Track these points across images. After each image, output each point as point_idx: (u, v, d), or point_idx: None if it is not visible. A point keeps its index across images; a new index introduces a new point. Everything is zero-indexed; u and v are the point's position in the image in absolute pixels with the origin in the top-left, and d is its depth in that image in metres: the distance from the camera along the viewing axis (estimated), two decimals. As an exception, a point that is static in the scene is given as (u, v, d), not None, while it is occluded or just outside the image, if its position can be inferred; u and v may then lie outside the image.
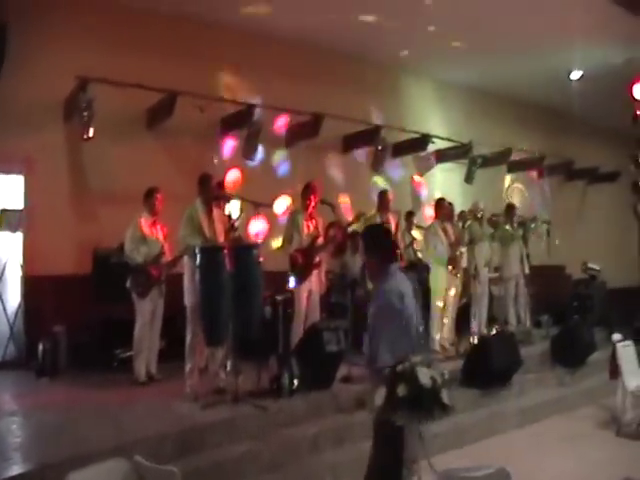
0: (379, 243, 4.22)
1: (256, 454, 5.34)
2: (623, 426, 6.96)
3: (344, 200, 10.36)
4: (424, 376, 4.60)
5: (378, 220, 8.18)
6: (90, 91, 7.61)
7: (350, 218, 7.90)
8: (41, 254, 7.82)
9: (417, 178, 12.11)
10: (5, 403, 5.93)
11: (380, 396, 4.71)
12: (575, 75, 11.97)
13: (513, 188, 10.98)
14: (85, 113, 7.62)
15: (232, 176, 9.35)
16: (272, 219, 8.89)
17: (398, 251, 5.83)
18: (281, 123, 10.14)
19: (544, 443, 6.71)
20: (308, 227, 7.48)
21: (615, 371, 7.17)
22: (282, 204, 9.07)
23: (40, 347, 7.31)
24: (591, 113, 13.97)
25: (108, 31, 8.41)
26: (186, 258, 6.42)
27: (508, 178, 13.23)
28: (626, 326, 9.61)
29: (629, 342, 7.35)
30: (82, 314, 7.56)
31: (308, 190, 7.52)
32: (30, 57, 7.71)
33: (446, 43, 10.43)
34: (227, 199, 6.88)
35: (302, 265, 7.32)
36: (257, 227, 6.99)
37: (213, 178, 6.77)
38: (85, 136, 7.69)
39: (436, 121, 12.21)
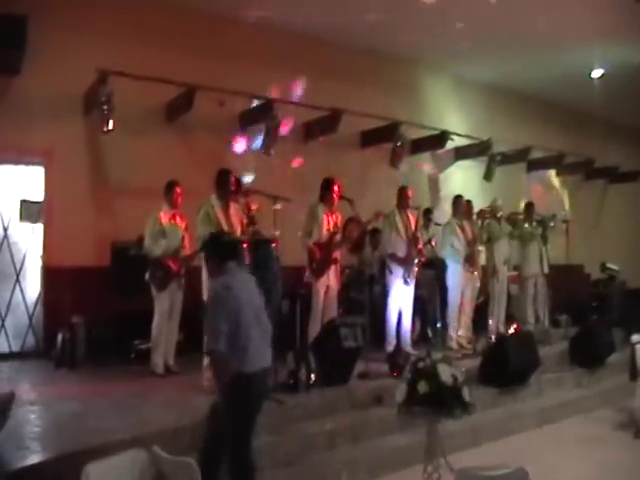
0: (216, 247, 4.65)
1: (272, 448, 5.33)
2: (641, 428, 6.90)
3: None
4: (445, 373, 4.59)
5: (397, 216, 8.16)
6: (110, 84, 7.61)
7: (369, 214, 7.85)
8: (60, 245, 7.87)
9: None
10: (24, 393, 5.95)
11: (401, 392, 4.71)
12: (596, 73, 11.87)
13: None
14: (105, 106, 7.62)
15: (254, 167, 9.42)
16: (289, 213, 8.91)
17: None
18: (301, 122, 10.14)
19: (561, 444, 6.64)
20: (328, 222, 7.46)
21: (635, 372, 7.09)
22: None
23: (59, 338, 7.37)
24: (612, 112, 13.89)
25: (128, 25, 8.44)
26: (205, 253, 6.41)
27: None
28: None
29: (648, 343, 7.27)
30: (100, 306, 7.60)
31: (329, 184, 7.50)
32: (50, 50, 7.74)
33: (466, 40, 10.36)
34: (245, 194, 6.88)
35: (320, 260, 7.30)
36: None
37: (231, 173, 6.75)
38: (105, 129, 7.69)
39: (455, 118, 12.15)
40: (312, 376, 6.34)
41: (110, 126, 7.71)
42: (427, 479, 4.37)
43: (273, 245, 6.36)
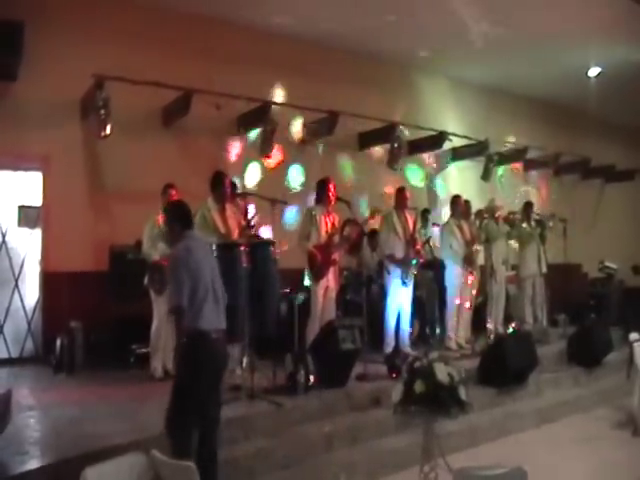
0: (179, 215, 4.73)
1: (271, 451, 5.34)
2: (639, 426, 6.91)
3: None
4: (441, 373, 4.60)
5: (395, 217, 8.18)
6: (106, 89, 7.63)
7: (366, 215, 7.88)
8: (59, 251, 7.90)
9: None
10: (23, 398, 5.97)
11: (397, 392, 4.73)
12: (593, 72, 11.89)
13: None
14: (102, 111, 7.66)
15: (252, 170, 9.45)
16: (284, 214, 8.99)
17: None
18: (298, 125, 10.16)
19: (560, 443, 6.65)
20: (326, 223, 7.47)
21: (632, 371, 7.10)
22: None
23: (57, 343, 7.38)
24: (608, 111, 13.90)
25: (124, 29, 8.44)
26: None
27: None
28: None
29: (647, 342, 7.28)
30: (99, 310, 7.62)
31: (324, 184, 7.51)
32: (47, 56, 7.77)
33: (462, 41, 10.39)
34: (243, 196, 6.89)
35: (320, 262, 7.31)
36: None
37: (226, 176, 6.77)
38: (102, 134, 7.73)
39: (452, 119, 12.17)
40: (310, 378, 6.34)
41: (107, 131, 7.74)
42: (424, 479, 4.37)
43: (271, 248, 6.37)
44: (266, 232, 7.93)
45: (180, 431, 4.39)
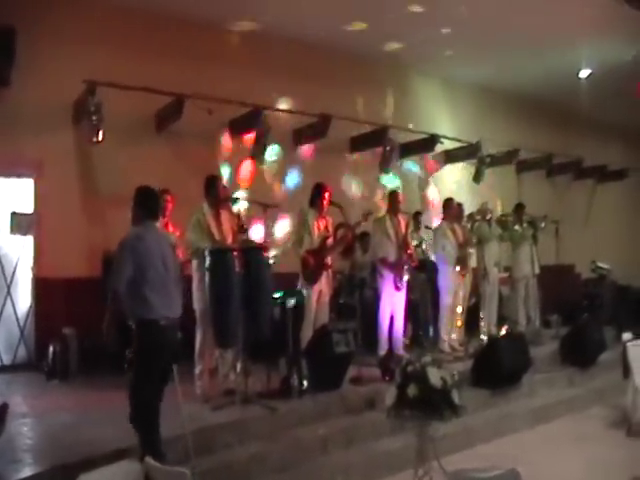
0: (144, 202, 4.84)
1: (266, 455, 5.36)
2: (633, 426, 6.92)
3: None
4: (434, 376, 4.62)
5: (388, 221, 8.19)
6: (99, 95, 7.63)
7: (359, 218, 7.89)
8: (51, 257, 7.88)
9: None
10: (16, 405, 5.94)
11: (391, 395, 4.74)
12: (584, 73, 11.94)
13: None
14: (94, 117, 7.65)
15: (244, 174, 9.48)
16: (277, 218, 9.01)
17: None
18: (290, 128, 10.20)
19: (554, 443, 6.69)
20: (319, 227, 7.46)
21: (628, 370, 7.14)
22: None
23: (50, 349, 7.37)
24: (600, 111, 13.96)
25: (116, 35, 8.45)
26: (195, 262, 6.42)
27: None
28: (636, 325, 9.59)
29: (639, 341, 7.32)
30: (92, 316, 7.56)
31: (321, 189, 7.51)
32: (38, 61, 7.76)
33: (453, 43, 10.42)
34: (235, 201, 6.90)
35: (313, 266, 7.32)
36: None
37: (220, 180, 6.76)
38: (94, 139, 7.72)
39: (444, 121, 12.19)
40: (304, 382, 6.37)
41: (100, 136, 7.73)
42: (418, 482, 4.39)
43: (264, 252, 6.36)
44: (259, 236, 7.93)
45: (145, 419, 4.57)
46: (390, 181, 11.11)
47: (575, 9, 9.03)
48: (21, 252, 8.15)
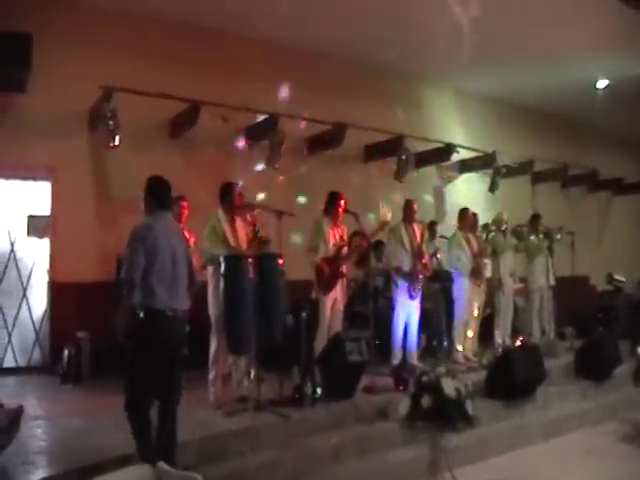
0: (156, 191, 4.87)
1: (277, 463, 5.34)
2: (646, 440, 6.89)
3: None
4: (449, 387, 4.61)
5: (403, 230, 8.17)
6: (114, 101, 7.69)
7: (374, 227, 7.88)
8: (66, 261, 7.92)
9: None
10: (30, 407, 5.95)
11: (404, 405, 4.73)
12: (601, 84, 11.88)
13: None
14: (110, 122, 7.72)
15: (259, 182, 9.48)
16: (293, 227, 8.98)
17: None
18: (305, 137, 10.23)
19: (567, 457, 6.62)
20: (334, 236, 7.47)
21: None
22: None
23: (65, 353, 7.41)
24: (616, 123, 13.92)
25: (132, 41, 8.52)
26: (210, 268, 6.42)
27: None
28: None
29: (654, 354, 7.27)
30: (106, 321, 7.60)
31: (335, 198, 7.52)
32: (55, 67, 7.83)
33: (467, 54, 10.39)
34: (250, 208, 6.90)
35: (328, 275, 7.31)
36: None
37: (236, 187, 6.77)
38: (110, 144, 7.79)
39: (458, 131, 12.18)
40: (317, 390, 6.33)
41: (116, 142, 7.81)
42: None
43: (279, 260, 6.35)
44: (273, 244, 7.93)
45: (137, 410, 4.50)
46: (404, 190, 11.07)
47: (590, 21, 9.02)
48: (37, 256, 8.20)
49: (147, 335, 4.49)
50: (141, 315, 4.47)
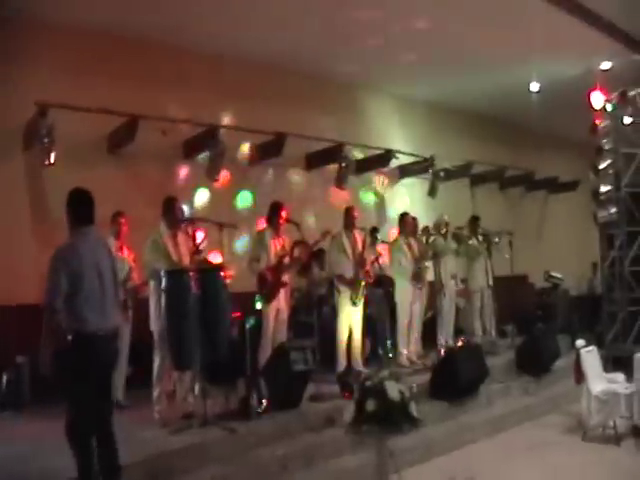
0: (75, 206, 4.78)
1: (226, 477, 5.36)
2: (589, 431, 7.10)
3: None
4: (392, 390, 4.68)
5: (344, 237, 8.25)
6: (50, 117, 7.58)
7: (316, 235, 7.95)
8: (3, 283, 7.71)
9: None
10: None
11: (349, 411, 4.78)
12: (534, 87, 12.18)
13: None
14: (45, 139, 7.58)
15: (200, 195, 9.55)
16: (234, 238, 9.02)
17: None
18: (245, 148, 10.26)
19: (512, 452, 6.79)
20: (275, 246, 7.51)
21: (580, 376, 7.29)
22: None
23: (3, 379, 7.22)
24: (551, 124, 14.27)
25: (68, 55, 8.35)
26: (152, 283, 6.39)
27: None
28: (588, 332, 9.83)
29: (592, 347, 7.49)
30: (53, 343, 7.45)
31: (277, 209, 7.56)
32: (-13, 84, 7.67)
33: (403, 60, 10.57)
34: (191, 222, 6.90)
35: (271, 284, 7.34)
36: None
37: (177, 202, 6.75)
38: (46, 162, 7.65)
39: (398, 137, 12.35)
40: (263, 402, 6.35)
41: (52, 159, 7.67)
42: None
43: (222, 273, 6.37)
44: (216, 257, 7.93)
45: (78, 433, 4.46)
46: (345, 197, 11.19)
47: (525, 24, 9.20)
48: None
49: (79, 357, 4.43)
50: (70, 339, 4.41)
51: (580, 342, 7.51)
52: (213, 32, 9.14)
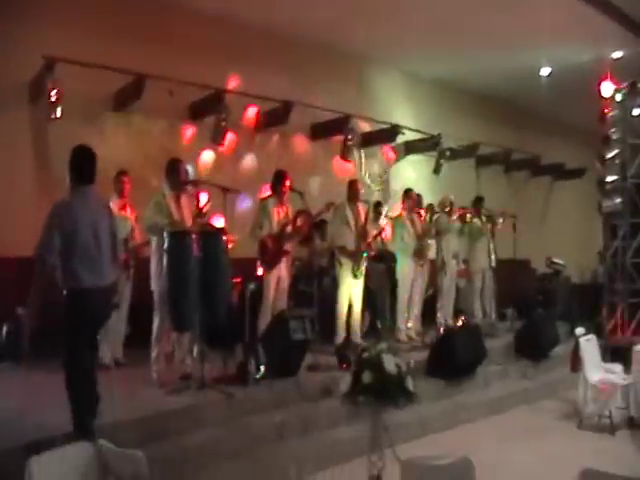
0: (76, 164, 4.79)
1: (220, 441, 5.32)
2: (584, 419, 7.06)
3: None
4: (389, 363, 4.63)
5: (347, 209, 8.18)
6: (57, 71, 7.46)
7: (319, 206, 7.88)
8: (4, 235, 7.64)
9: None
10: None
11: (345, 382, 4.73)
12: (545, 71, 12.08)
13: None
14: (52, 94, 7.49)
15: (204, 158, 9.48)
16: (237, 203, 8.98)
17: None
18: (251, 114, 10.13)
19: (507, 434, 6.77)
20: (279, 214, 7.44)
21: (577, 364, 7.26)
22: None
23: (3, 330, 7.20)
24: (559, 110, 14.18)
25: (77, 12, 8.22)
26: (154, 243, 6.32)
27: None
28: (588, 320, 9.79)
29: (591, 336, 7.46)
30: (47, 297, 7.41)
31: (281, 177, 7.48)
32: (-6, 39, 7.54)
33: (415, 37, 10.45)
34: (195, 184, 6.81)
35: (272, 251, 7.28)
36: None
37: (181, 164, 6.65)
38: (52, 116, 7.55)
39: (405, 113, 12.25)
40: (261, 369, 6.32)
41: (58, 114, 7.58)
42: (371, 468, 4.39)
43: (223, 237, 6.29)
44: (218, 221, 7.85)
45: (76, 384, 4.58)
46: (349, 169, 11.10)
47: (537, 8, 9.11)
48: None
49: (73, 312, 4.52)
50: (65, 294, 4.50)
51: (580, 330, 7.48)
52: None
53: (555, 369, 8.91)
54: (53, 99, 7.49)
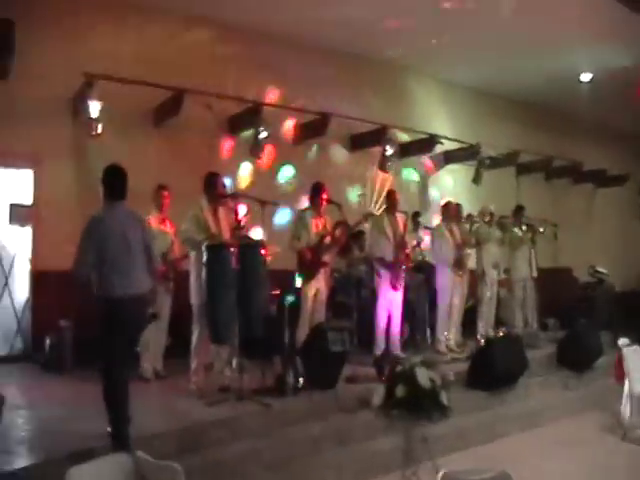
0: (108, 182, 4.99)
1: (258, 452, 5.34)
2: (628, 431, 6.91)
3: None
4: (423, 377, 4.61)
5: (385, 220, 8.18)
6: (97, 88, 7.63)
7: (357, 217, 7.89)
8: (49, 249, 7.83)
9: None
10: (11, 396, 5.92)
11: (379, 394, 4.73)
12: (585, 77, 11.93)
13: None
14: (92, 110, 7.65)
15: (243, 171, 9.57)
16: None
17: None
18: (289, 126, 10.22)
19: (548, 447, 6.65)
20: (317, 226, 7.47)
21: (621, 375, 7.12)
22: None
23: (47, 342, 7.37)
24: (600, 116, 13.96)
25: (116, 28, 8.49)
26: (193, 256, 6.40)
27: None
28: (632, 330, 9.58)
29: (636, 346, 7.30)
30: (88, 309, 7.56)
31: (319, 189, 7.51)
32: (38, 54, 7.76)
33: (449, 43, 10.41)
34: (233, 197, 6.88)
35: (310, 262, 7.31)
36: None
37: (219, 177, 6.74)
38: (93, 132, 7.72)
39: (443, 122, 12.20)
40: (300, 380, 6.35)
41: (99, 130, 7.74)
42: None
43: (261, 250, 6.34)
44: (256, 233, 7.92)
45: (114, 396, 4.71)
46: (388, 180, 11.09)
47: (576, 12, 9.02)
48: (19, 244, 8.13)
49: (107, 320, 4.70)
50: (98, 302, 4.70)
51: (624, 340, 7.33)
52: (261, 11, 9.07)
53: (598, 380, 8.72)
54: (94, 116, 7.65)
